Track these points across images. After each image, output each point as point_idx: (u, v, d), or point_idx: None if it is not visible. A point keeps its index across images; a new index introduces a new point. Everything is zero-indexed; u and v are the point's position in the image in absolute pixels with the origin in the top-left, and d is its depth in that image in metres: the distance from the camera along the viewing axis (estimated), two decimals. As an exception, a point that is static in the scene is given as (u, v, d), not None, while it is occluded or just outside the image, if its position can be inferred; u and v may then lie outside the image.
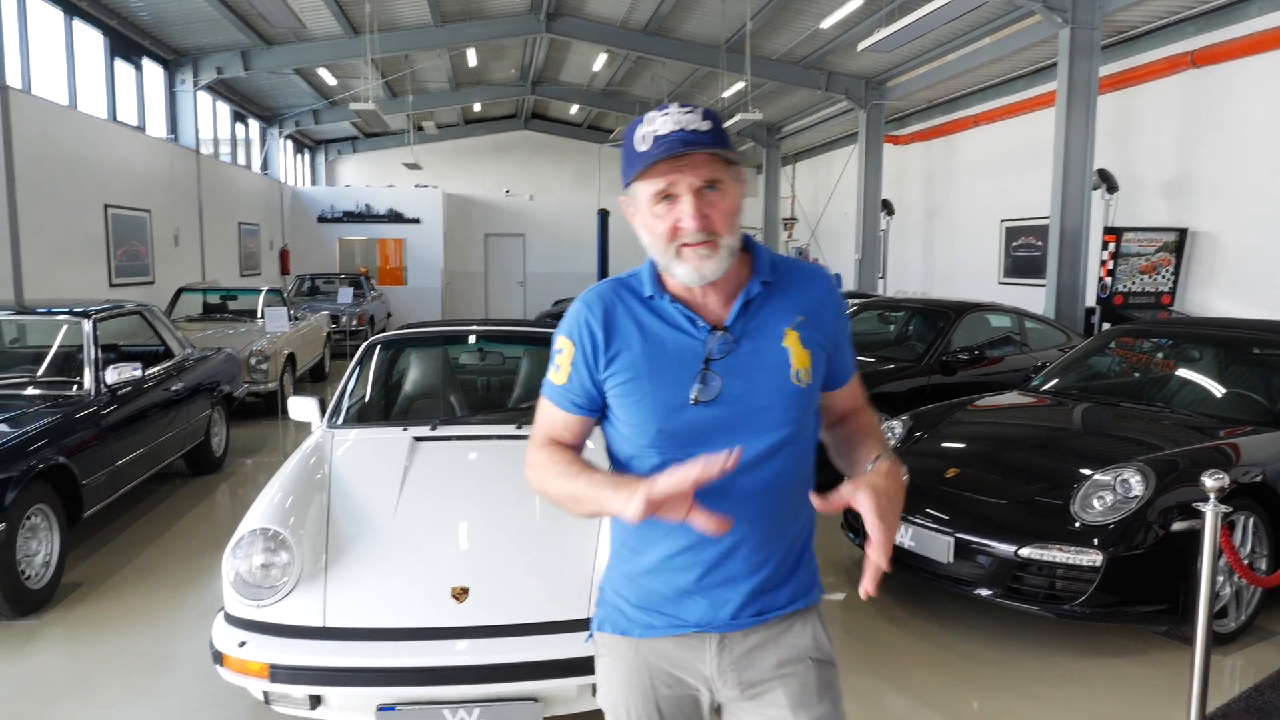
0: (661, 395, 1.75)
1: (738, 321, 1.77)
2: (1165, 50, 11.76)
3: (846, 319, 1.90)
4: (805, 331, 1.78)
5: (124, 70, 14.20)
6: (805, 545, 1.88)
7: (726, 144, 1.69)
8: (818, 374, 1.80)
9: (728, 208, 1.71)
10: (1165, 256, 11.43)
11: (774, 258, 1.85)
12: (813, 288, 1.84)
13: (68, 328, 6.15)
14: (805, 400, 1.78)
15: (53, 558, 4.97)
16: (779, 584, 1.82)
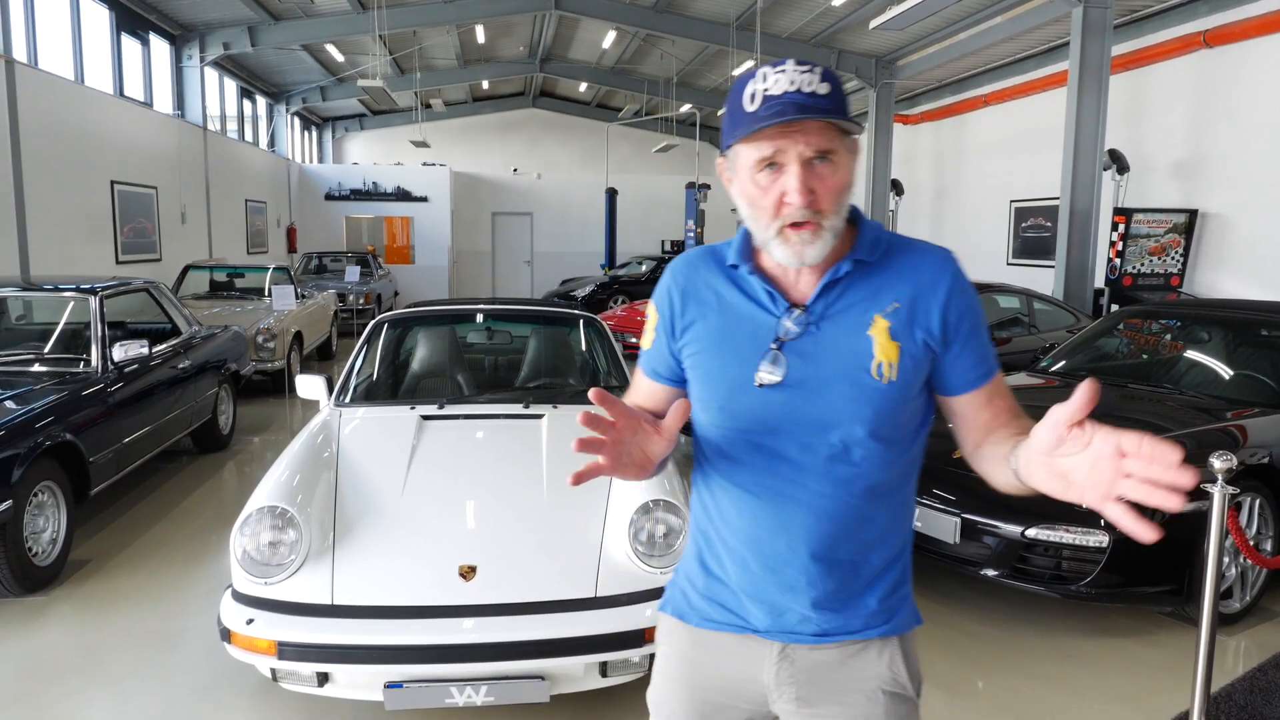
0: (728, 371, 1.62)
1: (819, 302, 1.59)
2: (1178, 30, 11.67)
3: (974, 311, 1.61)
4: (898, 321, 1.56)
5: (131, 45, 14.17)
6: (891, 566, 1.67)
7: (845, 111, 1.51)
8: (909, 372, 1.57)
9: (837, 184, 1.52)
10: (1175, 238, 11.37)
11: (881, 235, 1.63)
12: (921, 272, 1.60)
13: (74, 305, 6.16)
14: (886, 399, 1.56)
15: (60, 535, 5.00)
16: (848, 603, 1.64)
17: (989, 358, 1.64)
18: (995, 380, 1.65)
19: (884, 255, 1.61)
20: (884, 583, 1.66)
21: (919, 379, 1.59)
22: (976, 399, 1.64)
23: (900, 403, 1.57)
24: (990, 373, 1.63)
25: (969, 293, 1.61)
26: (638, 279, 19.67)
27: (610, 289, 19.10)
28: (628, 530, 3.48)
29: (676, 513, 3.53)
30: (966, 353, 1.61)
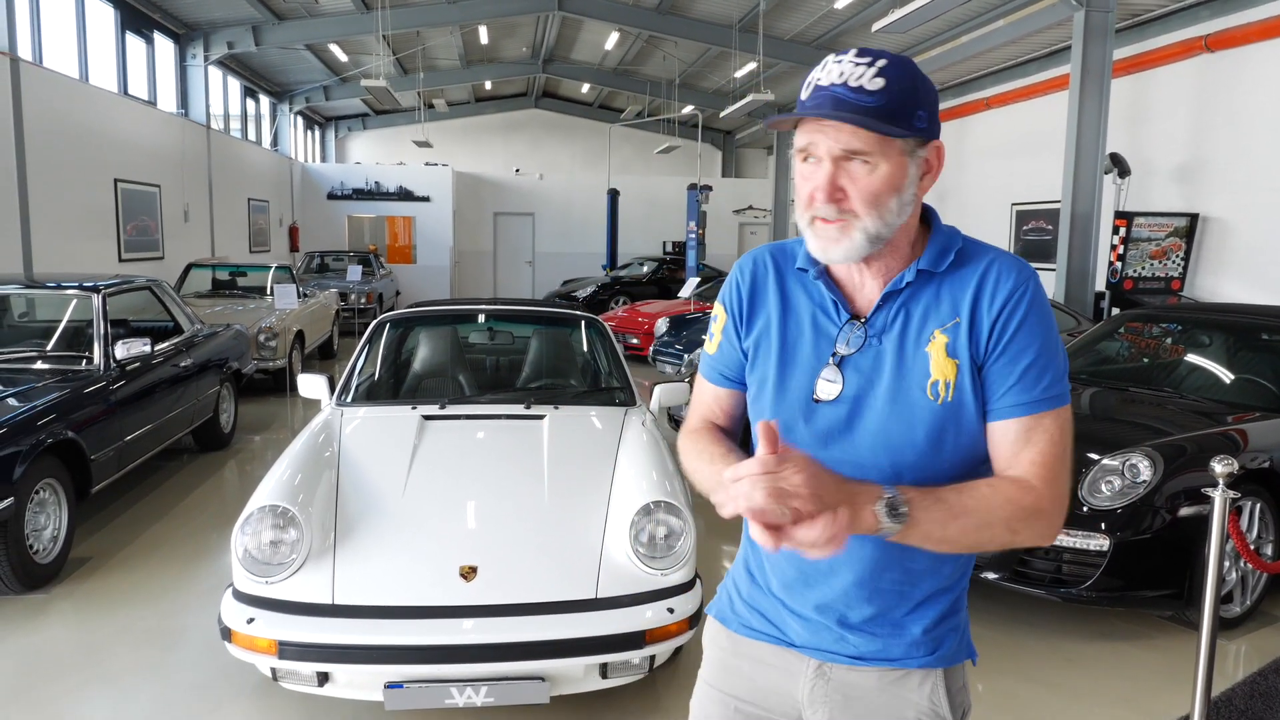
0: (786, 381, 1.56)
1: (879, 314, 1.51)
2: (1179, 34, 11.66)
3: (1031, 328, 1.45)
4: (956, 338, 1.46)
5: (135, 44, 14.19)
6: (940, 596, 1.56)
7: (890, 113, 1.40)
8: (969, 393, 1.46)
9: (871, 186, 1.42)
10: (1176, 241, 11.37)
11: (953, 244, 1.51)
12: (985, 282, 1.47)
13: (77, 302, 6.16)
14: (943, 421, 1.46)
15: (61, 532, 5.00)
16: (889, 630, 1.56)
17: (1036, 391, 1.43)
18: (1028, 421, 1.44)
19: (954, 266, 1.50)
20: (930, 613, 1.56)
21: (979, 400, 1.47)
22: (999, 431, 1.47)
23: (956, 423, 1.46)
24: (1024, 408, 1.44)
25: (1032, 309, 1.45)
26: (639, 280, 19.68)
27: (612, 290, 19.09)
28: (629, 532, 3.48)
29: (678, 514, 3.53)
30: (1007, 372, 1.44)
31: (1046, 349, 1.45)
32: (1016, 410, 1.44)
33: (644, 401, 4.94)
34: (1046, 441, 1.43)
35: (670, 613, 3.33)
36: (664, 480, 3.76)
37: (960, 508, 1.38)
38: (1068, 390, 1.47)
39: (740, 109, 16.78)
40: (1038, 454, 1.43)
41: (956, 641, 1.60)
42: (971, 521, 1.38)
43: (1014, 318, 1.44)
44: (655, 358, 11.80)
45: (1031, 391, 1.43)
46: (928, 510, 1.36)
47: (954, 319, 1.46)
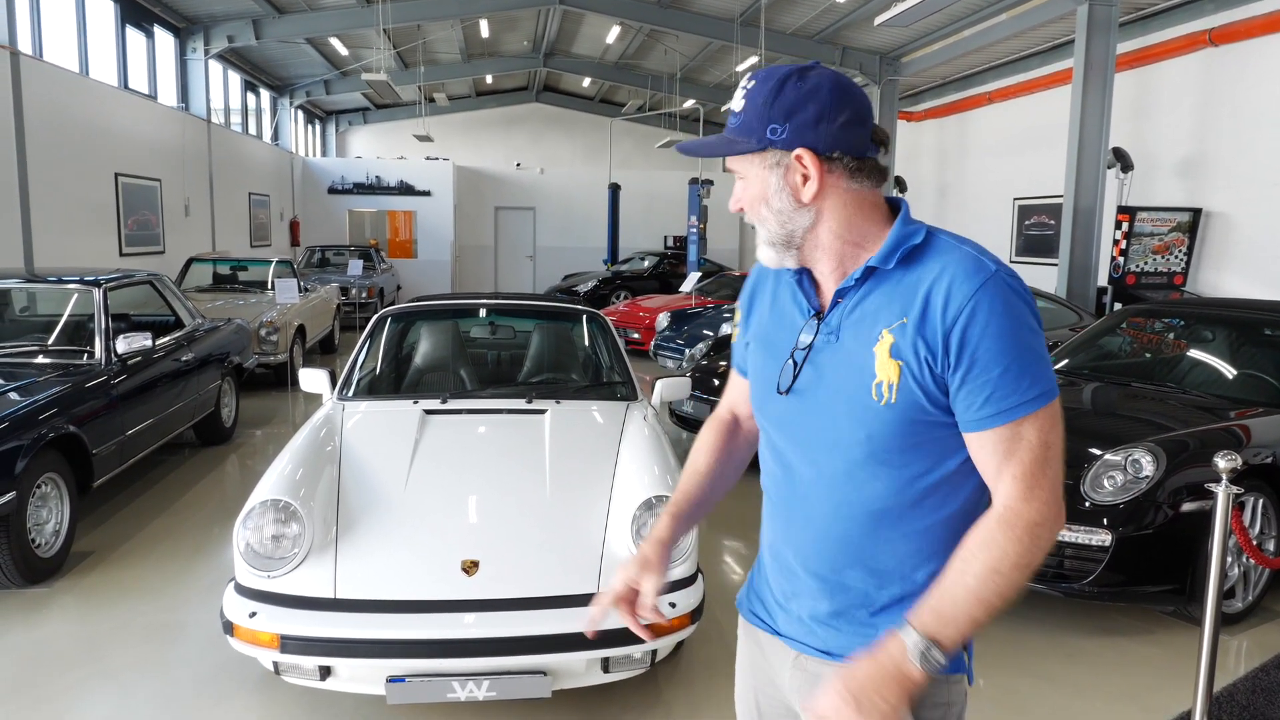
0: (763, 372, 1.63)
1: (834, 311, 1.53)
2: (1183, 28, 11.64)
3: (994, 337, 1.38)
4: (902, 338, 1.43)
5: (135, 38, 14.17)
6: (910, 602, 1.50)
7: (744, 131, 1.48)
8: (912, 394, 1.43)
9: (748, 197, 1.53)
10: (1178, 236, 11.35)
11: (907, 240, 1.48)
12: (940, 283, 1.42)
13: (78, 297, 6.16)
14: (883, 422, 1.45)
15: (63, 526, 5.00)
16: (851, 627, 1.56)
17: (999, 402, 1.39)
18: (999, 433, 1.41)
19: (910, 261, 1.47)
20: (899, 618, 1.48)
21: (923, 402, 1.43)
22: (974, 444, 1.45)
23: (901, 427, 1.45)
24: (991, 419, 1.40)
25: (991, 317, 1.38)
26: (640, 274, 19.67)
27: (613, 284, 19.08)
28: (630, 526, 3.48)
29: (679, 509, 3.53)
30: (967, 388, 1.40)
31: (1015, 354, 1.38)
32: (991, 421, 1.40)
33: (645, 396, 4.94)
34: (1026, 450, 1.41)
35: (672, 607, 3.33)
36: (665, 475, 3.76)
37: (974, 593, 1.39)
38: (1048, 390, 1.41)
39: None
40: (1018, 468, 1.41)
41: None
42: (991, 590, 1.39)
43: (970, 330, 1.38)
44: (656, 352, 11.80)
45: (1005, 400, 1.39)
46: (952, 624, 1.39)
47: (900, 319, 1.44)
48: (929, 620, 1.39)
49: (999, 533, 1.40)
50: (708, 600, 3.64)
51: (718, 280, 15.87)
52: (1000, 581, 1.39)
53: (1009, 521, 1.40)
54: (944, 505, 1.50)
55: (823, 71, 1.48)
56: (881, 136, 1.53)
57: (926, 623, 1.39)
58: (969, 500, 1.51)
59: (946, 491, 1.50)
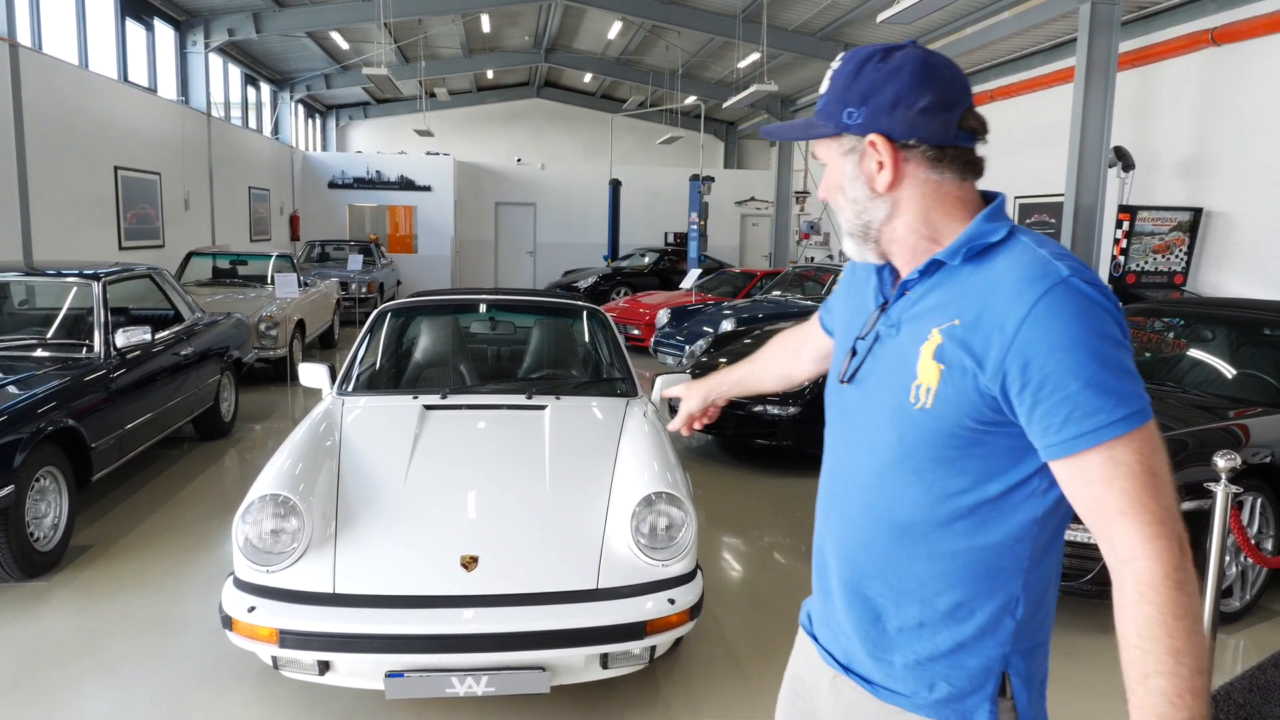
0: (836, 357, 1.60)
1: (896, 304, 1.45)
2: (1185, 27, 11.62)
3: (1059, 356, 1.22)
4: (950, 341, 1.32)
5: (135, 31, 14.14)
6: (940, 634, 1.40)
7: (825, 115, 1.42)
8: (948, 402, 1.32)
9: (827, 185, 1.48)
10: (1179, 236, 11.34)
11: (982, 236, 1.36)
12: (1000, 291, 1.29)
13: (77, 290, 6.16)
14: (916, 427, 1.36)
15: (61, 520, 5.00)
16: (872, 648, 1.47)
17: (1082, 422, 1.22)
18: (1088, 458, 1.23)
19: (978, 260, 1.36)
20: (919, 645, 1.42)
21: (963, 414, 1.31)
22: (1062, 474, 1.28)
23: (934, 437, 1.34)
24: (1071, 444, 1.23)
25: (1057, 330, 1.23)
26: (640, 271, 19.66)
27: (613, 280, 19.07)
28: (630, 522, 3.48)
29: (679, 505, 3.53)
30: (1041, 411, 1.25)
31: (1095, 366, 1.22)
32: (1075, 444, 1.23)
33: (645, 392, 4.94)
34: (1128, 478, 1.22)
35: (671, 604, 3.33)
36: (665, 471, 3.76)
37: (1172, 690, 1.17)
38: (1141, 409, 1.23)
39: (743, 100, 16.74)
40: (1124, 501, 1.22)
41: (950, 694, 1.41)
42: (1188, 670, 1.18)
43: (1034, 342, 1.23)
44: (656, 349, 11.80)
45: (1089, 420, 1.22)
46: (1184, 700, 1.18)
47: (952, 321, 1.33)
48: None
49: (1147, 605, 1.20)
50: (706, 597, 3.64)
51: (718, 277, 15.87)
52: (1188, 660, 1.18)
53: (1148, 583, 1.21)
54: (979, 532, 1.36)
55: (911, 51, 1.38)
56: (975, 123, 1.40)
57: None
58: (1013, 535, 1.36)
59: (985, 518, 1.36)
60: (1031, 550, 1.37)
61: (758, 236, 25.46)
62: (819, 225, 22.65)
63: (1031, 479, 1.34)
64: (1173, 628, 1.18)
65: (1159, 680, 1.18)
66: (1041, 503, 1.35)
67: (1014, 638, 1.40)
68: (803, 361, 1.97)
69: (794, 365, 1.99)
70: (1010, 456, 1.33)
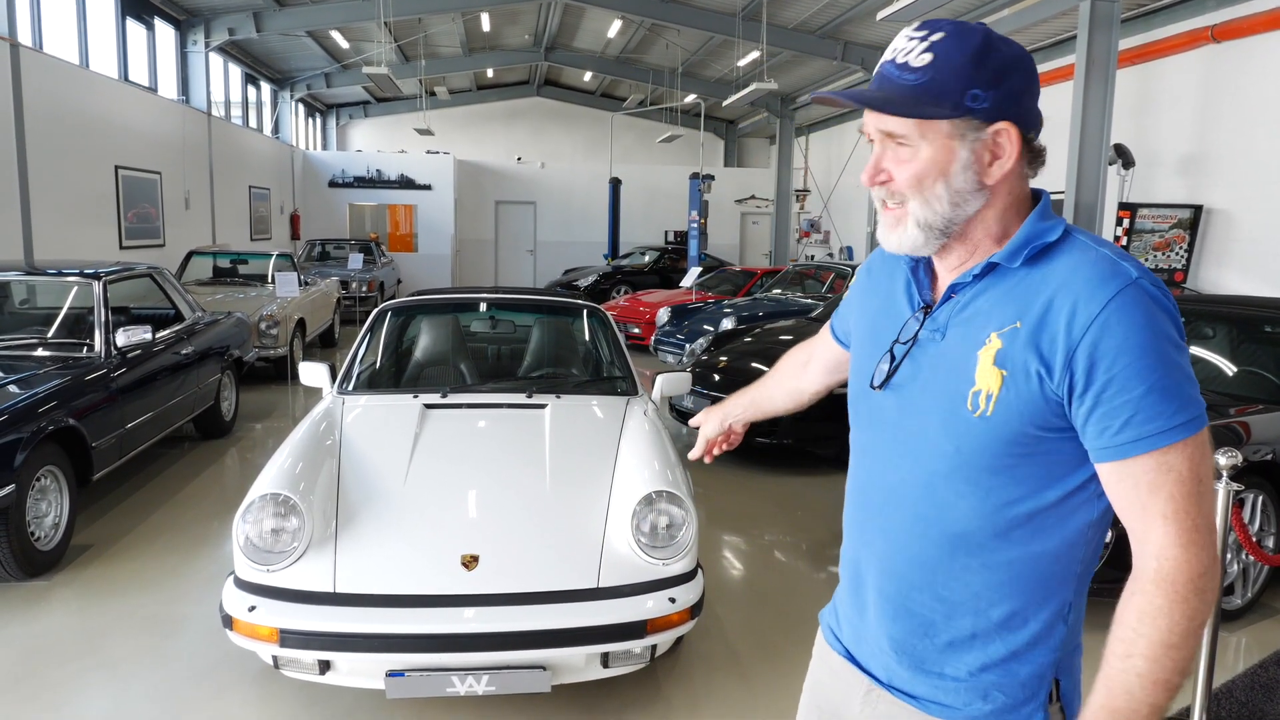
0: (861, 363, 1.52)
1: (944, 307, 1.39)
2: (1185, 24, 11.61)
3: (1129, 356, 1.20)
4: (1012, 344, 1.27)
5: (135, 30, 14.14)
6: (984, 641, 1.38)
7: (934, 94, 1.28)
8: (1011, 408, 1.27)
9: (913, 170, 1.32)
10: (1179, 233, 11.34)
11: (1041, 236, 1.32)
12: (1066, 289, 1.25)
13: (78, 289, 6.16)
14: (975, 435, 1.30)
15: (62, 519, 5.00)
16: (917, 662, 1.43)
17: (1142, 426, 1.20)
18: (1141, 462, 1.22)
19: (1036, 261, 1.31)
20: (971, 657, 1.38)
21: (1025, 420, 1.27)
22: (1110, 475, 1.27)
23: (994, 444, 1.29)
24: (1129, 447, 1.21)
25: (1129, 331, 1.20)
26: (640, 269, 19.65)
27: (613, 279, 19.07)
28: (630, 521, 3.48)
29: (679, 504, 3.53)
30: (1101, 412, 1.22)
31: (1161, 371, 1.20)
32: (1134, 447, 1.21)
33: (646, 391, 4.93)
34: (1176, 484, 1.21)
35: (672, 602, 3.33)
36: (666, 470, 3.76)
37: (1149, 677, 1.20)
38: (1198, 416, 1.22)
39: (743, 98, 16.73)
40: (1169, 505, 1.22)
41: (1006, 704, 1.38)
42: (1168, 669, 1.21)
43: (1103, 344, 1.20)
44: (657, 347, 11.79)
45: (1150, 424, 1.20)
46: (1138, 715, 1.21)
47: (1014, 324, 1.28)
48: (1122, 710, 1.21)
49: (1159, 597, 1.22)
50: (707, 596, 3.64)
51: (718, 275, 15.87)
52: (1176, 656, 1.20)
53: (1169, 579, 1.22)
54: (1035, 540, 1.33)
55: (1012, 40, 1.32)
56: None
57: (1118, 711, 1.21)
58: (1069, 541, 1.34)
59: (1041, 525, 1.33)
60: (1084, 555, 1.36)
61: (758, 235, 25.46)
62: (819, 223, 22.65)
63: (1089, 483, 1.32)
64: (1175, 624, 1.20)
65: (1139, 662, 1.20)
66: (1096, 506, 1.34)
67: (1064, 643, 1.39)
68: (810, 375, 1.93)
69: (802, 380, 1.96)
70: (1070, 462, 1.31)
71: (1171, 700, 1.23)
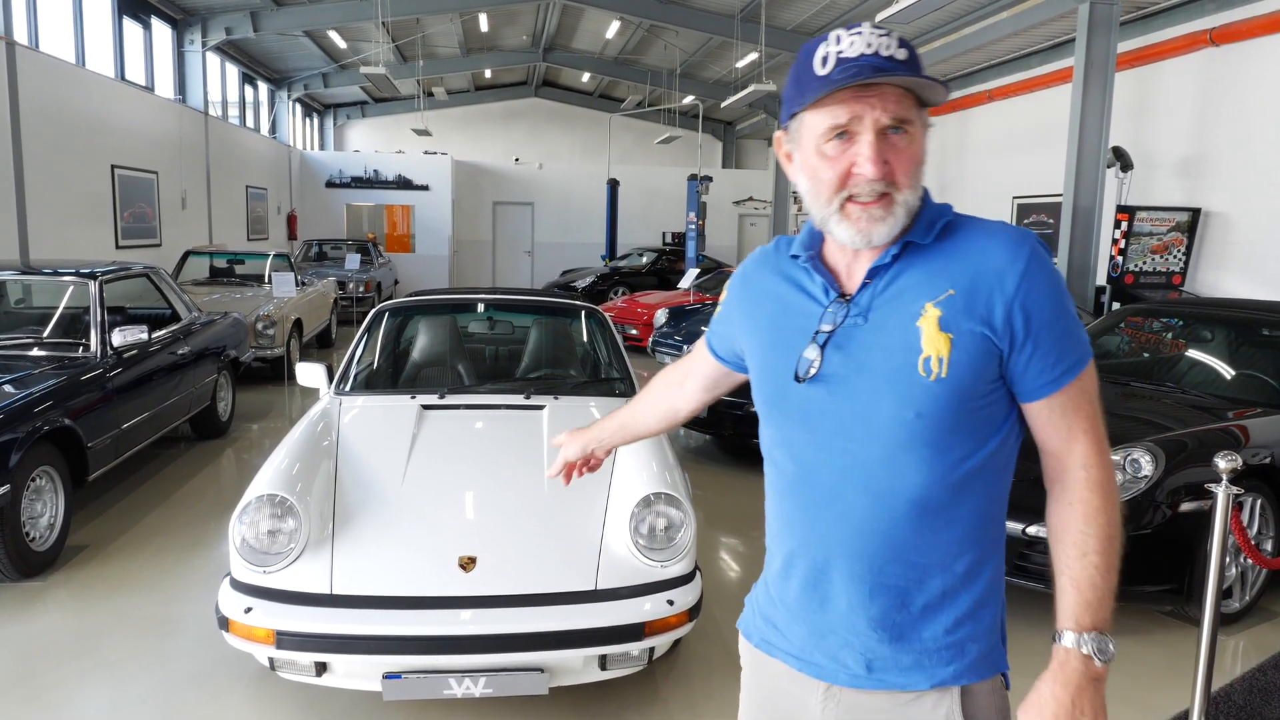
0: (773, 364, 1.53)
1: (865, 291, 1.45)
2: (1184, 28, 11.63)
3: (1052, 303, 1.39)
4: (950, 310, 1.38)
5: (132, 29, 14.12)
6: (955, 596, 1.47)
7: (928, 81, 1.37)
8: (962, 368, 1.38)
9: (913, 156, 1.40)
10: (1177, 236, 11.35)
11: (942, 215, 1.45)
12: (987, 255, 1.40)
13: (74, 289, 6.14)
14: (934, 398, 1.38)
15: (58, 520, 4.98)
16: (896, 636, 1.47)
17: (1067, 359, 1.40)
18: (1068, 390, 1.42)
19: (944, 236, 1.44)
20: (945, 615, 1.47)
21: (976, 377, 1.39)
22: (1040, 412, 1.44)
23: (952, 404, 1.39)
24: (1060, 379, 1.41)
25: (1047, 283, 1.39)
26: (638, 270, 19.65)
27: (611, 280, 19.06)
28: (628, 523, 3.47)
29: (678, 506, 3.52)
30: (1040, 353, 1.39)
31: (1067, 311, 1.41)
32: (1062, 380, 1.41)
33: (644, 392, 4.91)
34: (1088, 403, 1.43)
35: (670, 605, 3.32)
36: (664, 472, 3.75)
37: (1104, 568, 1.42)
38: (1088, 338, 1.45)
39: (741, 99, 16.73)
40: (1086, 422, 1.43)
41: (980, 654, 1.49)
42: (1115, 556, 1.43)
43: (1032, 296, 1.38)
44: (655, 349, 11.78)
45: (1068, 356, 1.41)
46: (1103, 606, 1.41)
47: (947, 291, 1.39)
48: (1084, 616, 1.39)
49: (1096, 498, 1.42)
50: (705, 598, 3.63)
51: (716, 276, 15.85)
52: (1118, 543, 1.42)
53: (1099, 482, 1.42)
54: (983, 489, 1.46)
55: None
56: None
57: (1084, 620, 1.39)
58: (1002, 485, 1.50)
59: (987, 477, 1.46)
60: (1007, 494, 1.52)
61: (755, 236, 25.47)
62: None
63: (1014, 426, 1.48)
64: (1111, 518, 1.42)
65: (1095, 557, 1.40)
66: (1015, 447, 1.51)
67: (1002, 580, 1.56)
68: (687, 393, 1.95)
69: (678, 399, 1.97)
70: (1003, 411, 1.45)
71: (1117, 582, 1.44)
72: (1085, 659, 1.38)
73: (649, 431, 2.04)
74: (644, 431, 2.04)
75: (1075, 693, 1.37)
